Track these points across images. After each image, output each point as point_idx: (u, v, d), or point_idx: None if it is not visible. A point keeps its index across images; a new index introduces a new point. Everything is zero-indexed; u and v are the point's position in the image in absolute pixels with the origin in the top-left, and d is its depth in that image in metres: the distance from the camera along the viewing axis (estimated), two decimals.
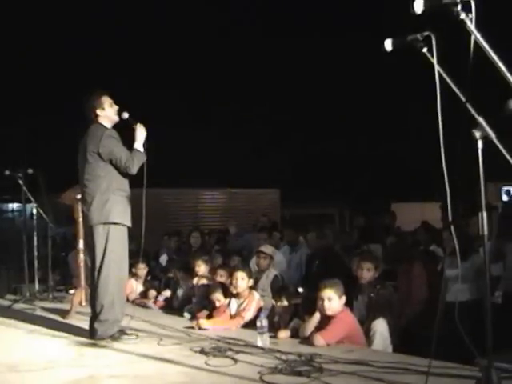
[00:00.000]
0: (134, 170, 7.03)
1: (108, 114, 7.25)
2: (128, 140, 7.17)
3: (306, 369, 5.32)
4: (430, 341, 4.41)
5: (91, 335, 7.02)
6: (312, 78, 25.58)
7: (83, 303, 8.80)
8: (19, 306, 9.98)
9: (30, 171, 10.83)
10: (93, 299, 7.09)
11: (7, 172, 10.94)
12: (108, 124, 7.24)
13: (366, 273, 7.56)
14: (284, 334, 6.86)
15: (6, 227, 17.30)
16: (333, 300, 6.49)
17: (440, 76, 4.07)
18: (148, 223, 7.17)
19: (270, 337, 6.57)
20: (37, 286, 10.95)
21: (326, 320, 6.51)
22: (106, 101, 7.28)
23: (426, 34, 4.16)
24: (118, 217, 6.98)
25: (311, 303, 6.77)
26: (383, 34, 4.38)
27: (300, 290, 8.11)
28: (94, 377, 5.57)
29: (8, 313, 9.29)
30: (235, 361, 5.82)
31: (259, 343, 6.40)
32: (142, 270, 10.60)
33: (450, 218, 4.26)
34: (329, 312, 6.49)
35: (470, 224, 9.19)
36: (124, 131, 7.27)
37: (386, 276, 8.54)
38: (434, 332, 4.23)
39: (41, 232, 11.38)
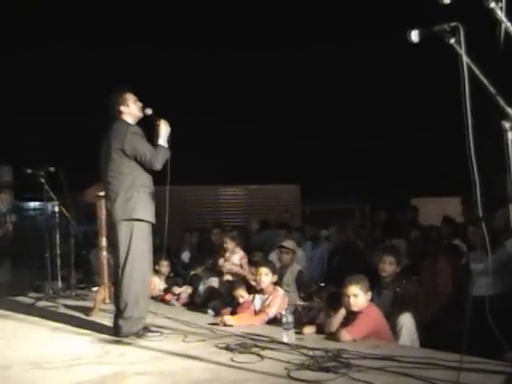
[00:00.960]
0: (158, 166, 7.01)
1: (132, 110, 7.25)
2: (151, 136, 7.16)
3: (334, 364, 5.28)
4: (455, 335, 4.36)
5: (115, 332, 7.01)
6: (330, 73, 25.54)
7: (106, 300, 8.81)
8: (42, 303, 9.98)
9: (52, 169, 10.82)
10: (117, 296, 7.08)
11: (29, 170, 10.95)
12: (131, 120, 7.23)
13: (388, 266, 7.48)
14: (309, 329, 6.82)
15: (28, 226, 17.36)
16: (358, 296, 6.44)
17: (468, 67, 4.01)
18: (169, 220, 7.16)
19: (296, 333, 6.54)
20: (59, 283, 10.95)
21: (351, 315, 6.47)
22: (130, 97, 7.27)
23: (453, 24, 4.09)
24: (141, 213, 6.97)
25: (336, 299, 6.72)
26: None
27: (322, 285, 8.07)
28: (119, 374, 5.56)
29: (31, 310, 9.29)
30: (261, 357, 5.78)
31: (285, 339, 6.36)
32: (165, 266, 10.57)
33: (480, 213, 4.20)
34: (355, 308, 6.44)
35: (494, 218, 9.12)
36: (147, 127, 7.26)
37: (411, 271, 8.48)
38: (460, 326, 4.18)
39: (62, 230, 11.37)
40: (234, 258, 9.65)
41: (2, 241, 12.68)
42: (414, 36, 4.18)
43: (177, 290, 9.95)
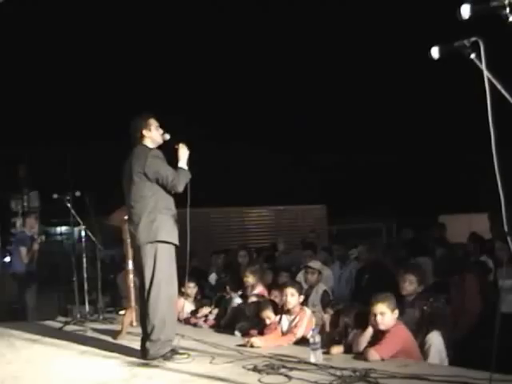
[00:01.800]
0: (180, 188, 7.07)
1: (153, 135, 7.37)
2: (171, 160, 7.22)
3: None
4: (485, 353, 4.31)
5: (143, 355, 7.02)
6: (355, 91, 25.52)
7: (134, 323, 8.82)
8: (70, 327, 10.00)
9: (78, 194, 10.92)
10: (143, 319, 7.08)
11: (55, 195, 11.05)
12: (152, 145, 7.34)
13: (408, 285, 7.47)
14: (337, 349, 6.77)
15: (55, 250, 17.45)
16: (385, 314, 6.40)
17: (490, 83, 3.98)
18: (196, 242, 7.16)
19: (323, 353, 6.50)
20: (87, 307, 10.99)
21: (379, 335, 6.42)
22: (153, 123, 7.39)
23: (473, 39, 4.07)
24: (165, 235, 7.00)
25: (364, 318, 6.68)
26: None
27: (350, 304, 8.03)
28: None
29: (59, 334, 9.33)
30: (289, 378, 5.76)
31: (312, 359, 6.34)
32: (192, 288, 10.55)
33: (506, 229, 4.15)
34: (382, 327, 6.40)
35: None
36: (166, 150, 7.33)
37: (438, 288, 8.41)
38: (489, 344, 4.14)
39: (89, 254, 11.42)
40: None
41: (29, 266, 12.70)
42: (434, 52, 4.17)
43: (204, 311, 9.94)
